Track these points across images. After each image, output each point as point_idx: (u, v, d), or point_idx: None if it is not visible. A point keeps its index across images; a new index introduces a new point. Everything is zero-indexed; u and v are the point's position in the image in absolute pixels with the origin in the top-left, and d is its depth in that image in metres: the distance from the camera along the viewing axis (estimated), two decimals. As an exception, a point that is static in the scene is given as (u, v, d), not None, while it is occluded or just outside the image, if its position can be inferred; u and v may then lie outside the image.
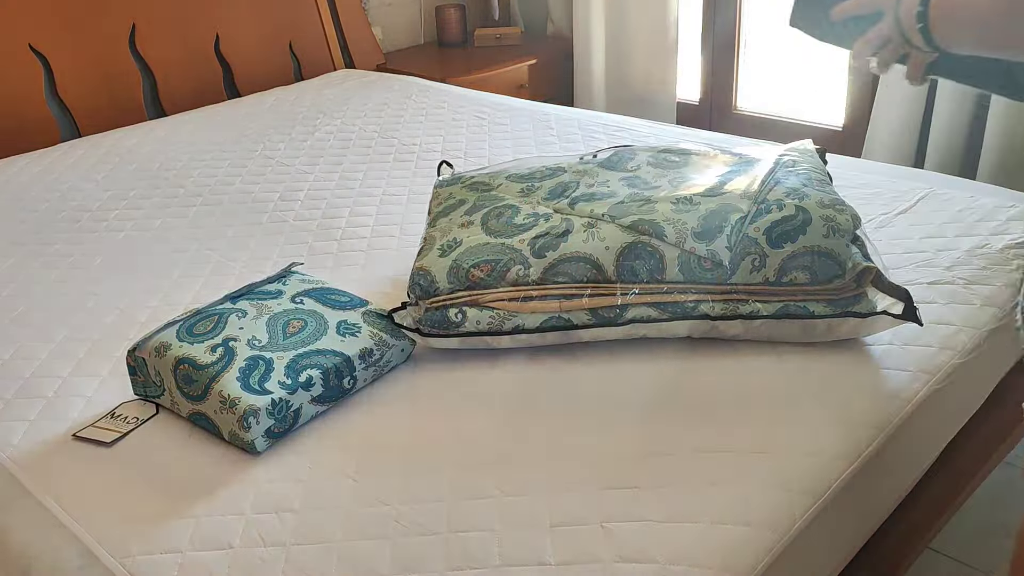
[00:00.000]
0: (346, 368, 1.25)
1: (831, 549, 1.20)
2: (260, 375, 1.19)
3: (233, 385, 1.18)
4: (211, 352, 1.23)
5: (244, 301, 1.35)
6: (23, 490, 1.17)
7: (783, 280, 1.32)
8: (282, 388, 1.18)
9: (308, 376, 1.21)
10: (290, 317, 1.31)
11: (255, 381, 1.18)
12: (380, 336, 1.31)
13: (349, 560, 1.01)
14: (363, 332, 1.30)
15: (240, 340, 1.25)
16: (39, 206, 2.06)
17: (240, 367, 1.20)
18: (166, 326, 1.30)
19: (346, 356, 1.25)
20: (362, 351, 1.27)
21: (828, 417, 1.21)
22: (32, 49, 2.50)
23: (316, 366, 1.22)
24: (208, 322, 1.29)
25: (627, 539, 1.02)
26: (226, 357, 1.22)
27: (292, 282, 1.42)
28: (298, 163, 2.25)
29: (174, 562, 1.03)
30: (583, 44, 3.38)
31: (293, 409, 1.19)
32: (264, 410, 1.15)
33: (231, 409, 1.16)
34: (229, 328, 1.27)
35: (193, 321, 1.30)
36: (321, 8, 3.12)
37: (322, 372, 1.22)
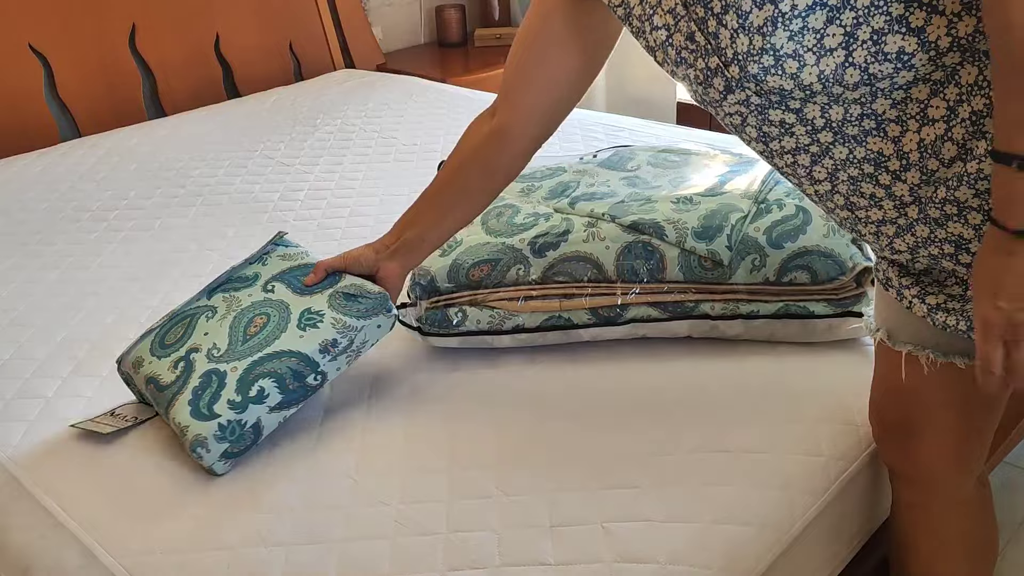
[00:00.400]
0: (306, 367, 1.18)
1: (831, 549, 1.20)
2: (210, 396, 1.14)
3: (184, 411, 1.14)
4: (173, 368, 1.19)
5: (219, 295, 1.28)
6: (23, 490, 1.16)
7: (783, 280, 1.32)
8: (232, 408, 1.13)
9: (260, 388, 1.15)
10: (254, 313, 1.23)
11: (204, 404, 1.13)
12: (344, 321, 1.21)
13: (349, 560, 1.01)
14: (325, 320, 1.21)
15: (201, 350, 1.19)
16: (39, 206, 2.06)
17: (194, 387, 1.15)
18: (145, 335, 1.27)
19: (303, 355, 1.18)
20: (323, 344, 1.19)
21: (828, 417, 1.21)
22: (32, 49, 2.50)
23: (270, 375, 1.16)
24: (180, 328, 1.24)
25: (627, 539, 1.01)
26: (184, 374, 1.17)
27: (272, 260, 1.33)
28: (298, 163, 2.25)
29: (174, 562, 1.03)
30: (583, 44, 3.38)
31: (249, 426, 1.14)
32: (212, 436, 1.11)
33: (183, 436, 1.13)
34: (195, 335, 1.22)
35: (167, 327, 1.26)
36: (321, 8, 3.12)
37: (276, 380, 1.16)
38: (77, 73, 2.59)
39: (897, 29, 0.79)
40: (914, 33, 0.79)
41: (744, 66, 0.83)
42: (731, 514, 1.05)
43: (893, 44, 0.79)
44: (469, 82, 3.06)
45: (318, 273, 1.26)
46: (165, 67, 2.77)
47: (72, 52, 2.57)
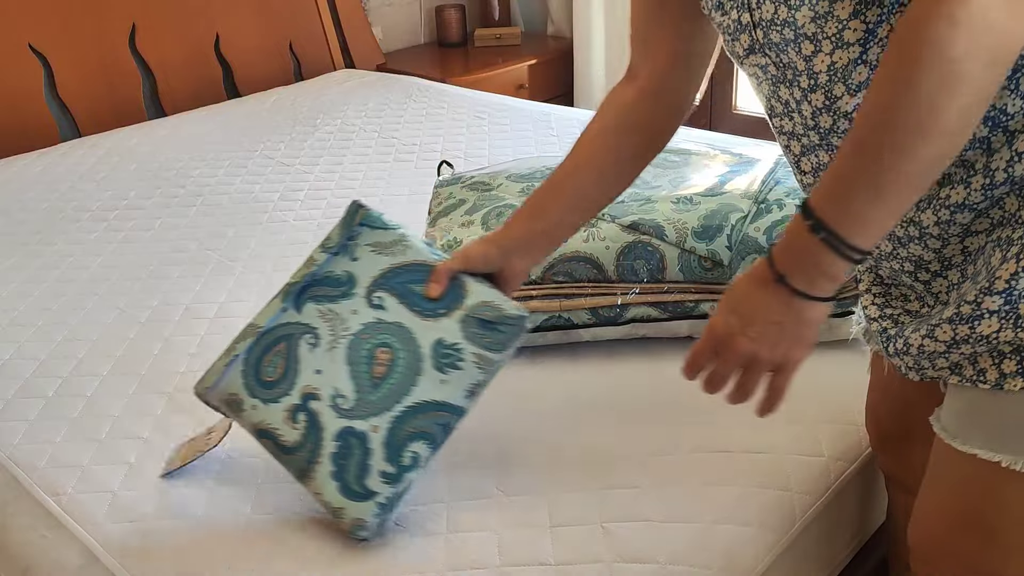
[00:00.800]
0: (455, 416, 1.03)
1: (831, 549, 1.20)
2: (358, 468, 0.99)
3: (330, 489, 0.99)
4: (291, 420, 1.01)
5: (311, 306, 1.06)
6: (23, 490, 1.17)
7: (783, 280, 1.32)
8: (387, 483, 0.99)
9: (413, 454, 1.00)
10: (373, 345, 1.03)
11: (354, 480, 0.99)
12: (485, 357, 1.04)
13: (350, 560, 1.01)
14: (466, 359, 1.03)
15: (321, 397, 1.01)
16: (39, 206, 2.06)
17: (331, 453, 0.99)
18: (228, 359, 1.06)
19: (451, 406, 1.02)
20: (469, 389, 1.03)
21: (828, 417, 1.21)
22: (32, 49, 2.50)
23: (420, 436, 1.00)
24: (276, 357, 1.04)
25: (627, 539, 1.01)
26: (311, 435, 1.00)
27: (363, 253, 1.09)
28: (298, 163, 2.25)
29: (174, 562, 1.03)
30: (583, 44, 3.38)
31: (404, 491, 1.02)
32: (373, 517, 0.99)
33: (338, 517, 1.01)
34: (304, 372, 1.02)
35: (257, 354, 1.05)
36: (321, 8, 3.12)
37: (428, 440, 1.00)
38: (77, 73, 2.59)
39: None
40: None
41: (767, 32, 0.81)
42: (731, 514, 1.05)
43: None
44: (469, 82, 3.06)
45: (441, 281, 1.06)
46: (165, 67, 2.77)
47: (72, 52, 2.57)
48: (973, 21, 0.64)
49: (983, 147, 0.76)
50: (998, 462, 0.78)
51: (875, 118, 0.70)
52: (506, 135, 2.38)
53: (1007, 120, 0.74)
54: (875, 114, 0.70)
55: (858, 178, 0.71)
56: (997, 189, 0.76)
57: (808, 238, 0.74)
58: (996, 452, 0.79)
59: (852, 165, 0.72)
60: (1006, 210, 0.76)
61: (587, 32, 3.36)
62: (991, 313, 0.75)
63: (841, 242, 0.73)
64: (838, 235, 0.73)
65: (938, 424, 0.85)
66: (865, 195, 0.71)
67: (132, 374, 1.38)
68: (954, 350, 0.79)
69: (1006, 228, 0.77)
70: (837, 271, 0.75)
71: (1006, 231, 0.76)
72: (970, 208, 0.78)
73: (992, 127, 0.75)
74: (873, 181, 0.70)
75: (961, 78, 0.65)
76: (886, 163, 0.69)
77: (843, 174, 0.73)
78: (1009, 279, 0.73)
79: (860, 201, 0.72)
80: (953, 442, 0.82)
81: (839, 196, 0.73)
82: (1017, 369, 0.75)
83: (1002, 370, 0.76)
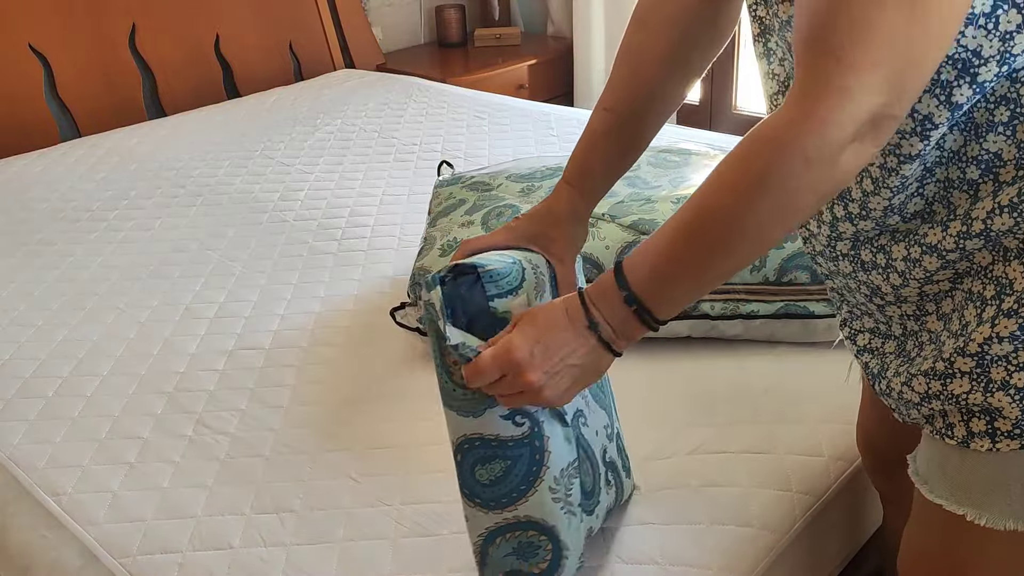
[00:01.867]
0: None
1: (831, 549, 1.20)
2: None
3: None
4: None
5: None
6: (23, 490, 1.17)
7: (783, 280, 1.32)
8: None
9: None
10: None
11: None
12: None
13: (349, 560, 1.01)
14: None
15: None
16: (39, 206, 2.06)
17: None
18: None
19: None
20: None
21: (828, 417, 1.21)
22: (32, 49, 2.50)
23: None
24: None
25: (627, 540, 1.01)
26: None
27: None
28: (298, 163, 2.25)
29: (174, 562, 1.03)
30: (583, 44, 3.38)
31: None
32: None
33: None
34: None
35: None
36: (321, 8, 3.12)
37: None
38: (77, 73, 2.59)
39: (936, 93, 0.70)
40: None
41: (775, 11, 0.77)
42: (731, 514, 1.05)
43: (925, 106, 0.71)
44: (469, 82, 3.06)
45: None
46: (165, 67, 2.77)
47: (72, 52, 2.57)
48: (824, 161, 0.65)
49: (971, 191, 0.73)
50: (963, 515, 0.79)
51: (708, 217, 0.71)
52: (506, 135, 2.38)
53: (1000, 167, 0.72)
54: (709, 213, 0.71)
55: (683, 270, 0.74)
56: (971, 240, 0.73)
57: (620, 305, 0.77)
58: (960, 505, 0.79)
59: (678, 253, 0.74)
60: (974, 262, 0.75)
61: (587, 32, 3.36)
62: (963, 374, 0.74)
63: (649, 315, 0.77)
64: (649, 311, 0.76)
65: (913, 464, 0.86)
66: (685, 285, 0.75)
67: (132, 374, 1.38)
68: (926, 403, 0.79)
69: (975, 281, 0.75)
70: (638, 335, 0.79)
71: (976, 284, 0.75)
72: (939, 254, 0.76)
73: (984, 171, 0.72)
74: (696, 274, 0.74)
75: (796, 208, 0.68)
76: (712, 260, 0.72)
77: (668, 257, 0.74)
78: (983, 343, 0.73)
79: (678, 289, 0.75)
80: (922, 488, 0.83)
81: (658, 278, 0.75)
82: (986, 429, 0.75)
83: (970, 428, 0.76)
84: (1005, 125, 0.70)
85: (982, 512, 0.78)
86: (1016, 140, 0.71)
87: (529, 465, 0.86)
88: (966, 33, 0.66)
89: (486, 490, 0.87)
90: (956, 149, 0.73)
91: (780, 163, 0.66)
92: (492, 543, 0.89)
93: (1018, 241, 0.72)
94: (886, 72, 0.62)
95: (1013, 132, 0.71)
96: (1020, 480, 0.76)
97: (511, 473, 0.86)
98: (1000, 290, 0.73)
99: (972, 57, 0.67)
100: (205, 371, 1.38)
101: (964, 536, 0.81)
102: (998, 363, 0.72)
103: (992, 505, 0.77)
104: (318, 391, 1.32)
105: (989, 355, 0.73)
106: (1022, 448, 0.73)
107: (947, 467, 0.80)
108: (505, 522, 0.87)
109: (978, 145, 0.72)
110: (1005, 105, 0.70)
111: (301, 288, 1.62)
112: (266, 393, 1.32)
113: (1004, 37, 0.66)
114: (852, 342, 0.94)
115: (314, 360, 1.40)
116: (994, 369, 0.73)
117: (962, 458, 0.78)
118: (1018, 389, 0.72)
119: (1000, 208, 0.71)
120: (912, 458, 0.86)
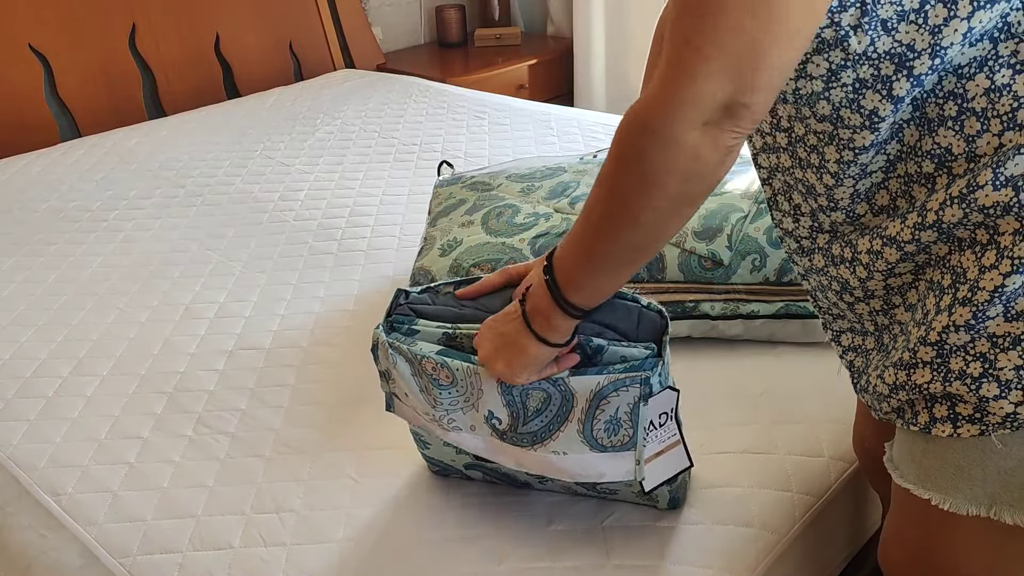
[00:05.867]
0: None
1: (831, 549, 1.20)
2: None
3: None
4: None
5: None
6: (23, 490, 1.17)
7: (783, 280, 1.32)
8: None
9: None
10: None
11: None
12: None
13: (349, 560, 1.01)
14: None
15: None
16: (39, 206, 2.06)
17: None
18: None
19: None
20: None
21: (828, 417, 1.21)
22: (32, 49, 2.50)
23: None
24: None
25: (627, 539, 1.01)
26: None
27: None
28: (298, 163, 2.25)
29: (174, 562, 1.03)
30: (583, 44, 3.38)
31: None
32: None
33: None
34: None
35: None
36: (321, 8, 3.12)
37: None
38: (77, 73, 2.59)
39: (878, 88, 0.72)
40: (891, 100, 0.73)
41: None
42: (731, 514, 1.05)
43: (870, 101, 0.73)
44: (469, 82, 3.06)
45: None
46: (165, 67, 2.77)
47: (72, 52, 2.57)
48: (671, 140, 0.67)
49: (928, 185, 0.75)
50: (928, 499, 0.81)
51: (591, 197, 0.77)
52: (506, 135, 2.38)
53: (951, 161, 0.73)
54: (592, 194, 0.77)
55: (579, 247, 0.80)
56: (926, 232, 0.74)
57: (544, 292, 0.84)
58: (926, 490, 0.81)
59: (576, 232, 0.80)
60: (932, 254, 0.76)
61: (587, 32, 3.36)
62: (924, 364, 0.76)
63: (562, 299, 0.82)
64: (561, 293, 0.82)
65: (888, 452, 0.88)
66: (581, 263, 0.80)
67: (132, 374, 1.38)
68: (895, 394, 0.80)
69: (935, 270, 0.76)
70: (560, 324, 0.85)
71: (936, 273, 0.76)
72: (898, 246, 0.77)
73: (938, 165, 0.74)
74: (586, 251, 0.80)
75: (655, 186, 0.70)
76: (596, 239, 0.78)
77: (572, 238, 0.81)
78: (941, 331, 0.74)
79: (578, 268, 0.81)
80: (894, 473, 0.85)
81: (565, 257, 0.82)
82: (948, 415, 0.77)
83: (933, 414, 0.78)
84: (954, 120, 0.72)
85: (946, 497, 0.80)
86: (964, 134, 0.72)
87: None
88: (899, 28, 0.69)
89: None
90: (912, 144, 0.75)
91: (633, 139, 0.70)
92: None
93: (968, 232, 0.73)
94: (731, 61, 0.65)
95: (961, 127, 0.72)
96: (981, 465, 0.77)
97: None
98: (955, 279, 0.74)
99: (907, 51, 0.70)
100: (205, 371, 1.38)
101: (935, 521, 0.83)
102: (956, 353, 0.74)
103: (956, 490, 0.79)
104: (318, 391, 1.32)
105: (948, 344, 0.74)
106: (982, 434, 0.75)
107: (915, 452, 0.82)
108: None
109: (931, 139, 0.74)
110: (953, 100, 0.72)
111: (301, 288, 1.62)
112: (266, 393, 1.32)
113: (933, 31, 0.68)
114: (837, 343, 0.95)
115: (314, 360, 1.40)
116: (953, 359, 0.74)
117: (927, 444, 0.80)
118: (974, 379, 0.73)
119: (951, 199, 0.73)
120: (889, 446, 0.88)
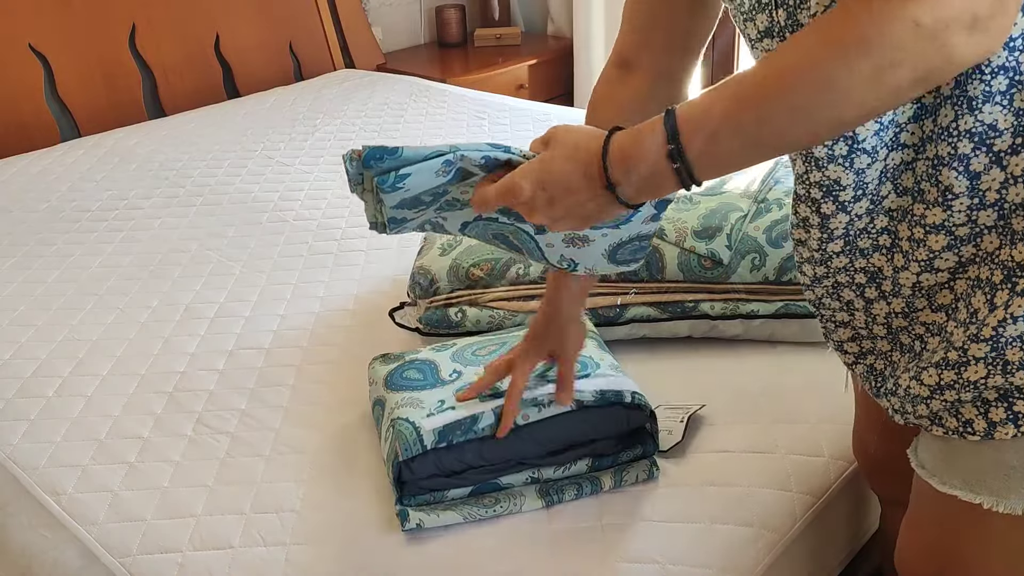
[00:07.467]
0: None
1: (831, 549, 1.20)
2: None
3: None
4: None
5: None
6: (23, 490, 1.17)
7: (783, 279, 1.32)
8: None
9: None
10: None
11: None
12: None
13: (349, 560, 1.01)
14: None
15: None
16: (39, 206, 2.06)
17: None
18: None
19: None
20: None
21: (828, 417, 1.21)
22: (32, 49, 2.50)
23: None
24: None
25: (627, 539, 1.01)
26: None
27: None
28: (298, 163, 2.25)
29: (174, 562, 1.03)
30: (583, 44, 3.38)
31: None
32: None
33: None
34: None
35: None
36: (321, 8, 3.12)
37: None
38: (77, 73, 2.59)
39: None
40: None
41: (794, 13, 0.75)
42: (731, 514, 1.05)
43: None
44: (469, 82, 3.06)
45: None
46: (165, 67, 2.77)
47: (72, 52, 2.57)
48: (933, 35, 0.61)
49: (962, 167, 0.72)
50: (979, 503, 0.78)
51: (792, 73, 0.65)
52: (506, 135, 2.38)
53: (994, 137, 0.71)
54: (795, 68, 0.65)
55: (752, 128, 0.67)
56: (984, 211, 0.73)
57: (663, 163, 0.71)
58: (977, 494, 0.78)
59: (749, 110, 0.67)
60: (981, 248, 0.74)
61: (587, 32, 3.36)
62: (977, 360, 0.74)
63: (691, 177, 0.71)
64: (692, 173, 0.70)
65: (915, 459, 0.84)
66: (742, 146, 0.69)
67: (132, 374, 1.38)
68: (937, 396, 0.78)
69: (983, 267, 0.74)
70: (666, 192, 0.75)
71: (983, 271, 0.74)
72: (947, 231, 0.75)
73: (977, 144, 0.71)
74: (760, 136, 0.68)
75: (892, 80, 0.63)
76: (790, 119, 0.66)
77: (733, 114, 0.68)
78: (996, 326, 0.72)
79: (732, 150, 0.69)
80: (931, 480, 0.82)
81: (712, 136, 0.69)
82: (1007, 416, 0.75)
83: (990, 419, 0.75)
84: (1003, 94, 0.70)
85: (999, 499, 0.77)
86: (1014, 108, 0.70)
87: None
88: None
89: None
90: (946, 125, 0.72)
91: (886, 24, 0.62)
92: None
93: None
94: None
95: (1011, 101, 0.70)
96: None
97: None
98: (1009, 274, 0.72)
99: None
100: (205, 371, 1.38)
101: (976, 526, 0.80)
102: (1012, 344, 0.72)
103: (1009, 491, 0.76)
104: (318, 391, 1.32)
105: (1004, 337, 0.72)
106: None
107: (958, 458, 0.79)
108: None
109: (973, 117, 0.71)
110: (1004, 74, 0.69)
111: (301, 288, 1.62)
112: (266, 393, 1.32)
113: None
114: (841, 351, 0.93)
115: (314, 360, 1.40)
116: (1009, 350, 0.72)
117: (976, 448, 0.77)
118: None
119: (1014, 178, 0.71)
120: (913, 450, 0.85)
